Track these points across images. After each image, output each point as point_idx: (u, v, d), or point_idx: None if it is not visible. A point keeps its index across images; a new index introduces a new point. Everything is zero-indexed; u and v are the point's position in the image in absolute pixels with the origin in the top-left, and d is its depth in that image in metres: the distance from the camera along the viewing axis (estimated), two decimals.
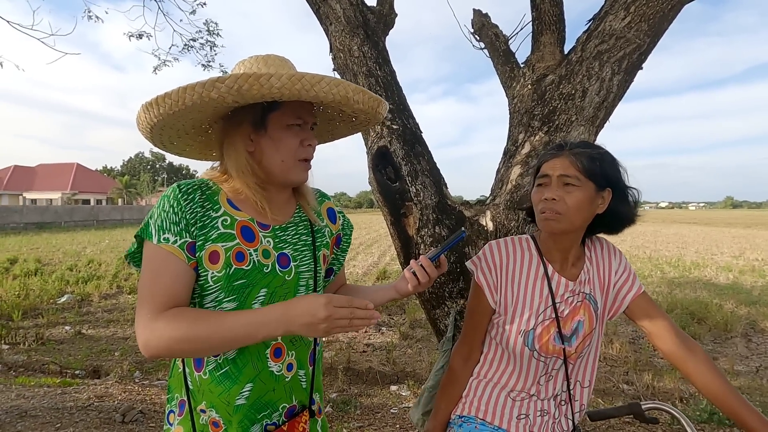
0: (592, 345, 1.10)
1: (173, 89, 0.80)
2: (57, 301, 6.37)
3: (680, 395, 3.35)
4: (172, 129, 0.90)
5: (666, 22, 1.69)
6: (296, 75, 0.79)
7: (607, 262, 1.11)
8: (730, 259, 11.84)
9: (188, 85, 0.78)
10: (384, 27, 2.12)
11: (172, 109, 0.80)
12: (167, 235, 0.82)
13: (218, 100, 0.79)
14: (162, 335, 0.78)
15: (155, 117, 0.83)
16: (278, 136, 0.89)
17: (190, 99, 0.79)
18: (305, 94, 0.80)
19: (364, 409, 3.13)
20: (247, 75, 0.77)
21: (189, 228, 0.84)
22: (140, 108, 0.85)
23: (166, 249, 0.82)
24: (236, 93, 0.78)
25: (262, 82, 0.78)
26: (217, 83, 0.77)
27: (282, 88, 0.78)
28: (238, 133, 0.89)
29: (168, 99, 0.80)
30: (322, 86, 0.81)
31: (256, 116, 0.87)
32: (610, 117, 1.82)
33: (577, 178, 0.98)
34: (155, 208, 0.86)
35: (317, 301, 0.77)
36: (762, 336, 5.12)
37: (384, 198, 1.86)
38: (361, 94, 0.88)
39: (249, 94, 0.79)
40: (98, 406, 3.02)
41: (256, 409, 0.89)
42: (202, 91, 0.78)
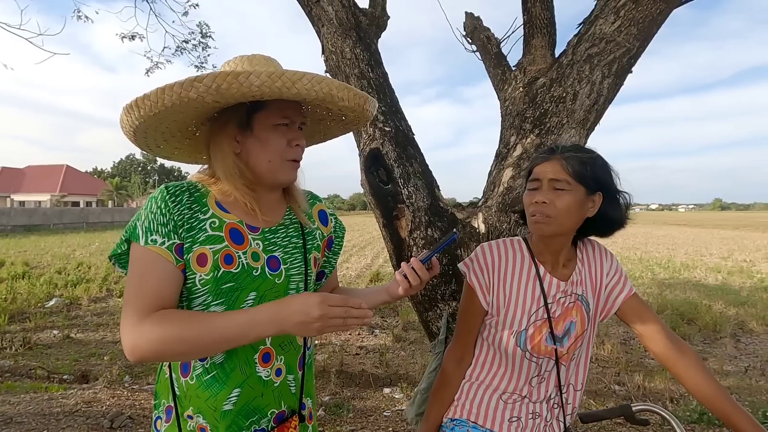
0: (584, 346, 1.10)
1: (152, 90, 0.79)
2: (45, 305, 6.27)
3: (671, 396, 3.38)
4: (156, 131, 0.89)
5: (655, 27, 1.71)
6: (276, 72, 0.77)
7: (599, 264, 1.12)
8: (719, 261, 12.00)
9: (166, 86, 0.77)
10: (376, 29, 2.12)
11: (152, 111, 0.79)
12: (155, 237, 0.81)
13: (197, 100, 0.78)
14: (150, 337, 0.76)
15: (137, 119, 0.82)
16: (264, 136, 0.87)
17: (170, 100, 0.77)
18: (286, 91, 0.79)
19: (356, 413, 3.11)
20: (226, 73, 0.76)
21: (177, 229, 0.83)
22: (122, 110, 0.83)
23: (153, 250, 0.80)
24: (215, 92, 0.76)
25: (241, 81, 0.76)
26: (195, 82, 0.76)
27: (262, 86, 0.77)
28: (224, 135, 0.87)
29: (147, 100, 0.79)
30: (303, 83, 0.79)
31: (241, 117, 0.86)
32: (600, 120, 1.84)
33: (567, 182, 0.99)
34: (142, 210, 0.84)
35: (311, 299, 0.76)
36: (750, 336, 5.18)
37: (376, 200, 1.86)
38: (346, 91, 0.87)
39: (228, 93, 0.77)
40: (86, 411, 2.96)
41: (244, 414, 0.88)
42: (180, 91, 0.76)
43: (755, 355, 4.57)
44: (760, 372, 4.07)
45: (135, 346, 0.77)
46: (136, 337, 0.77)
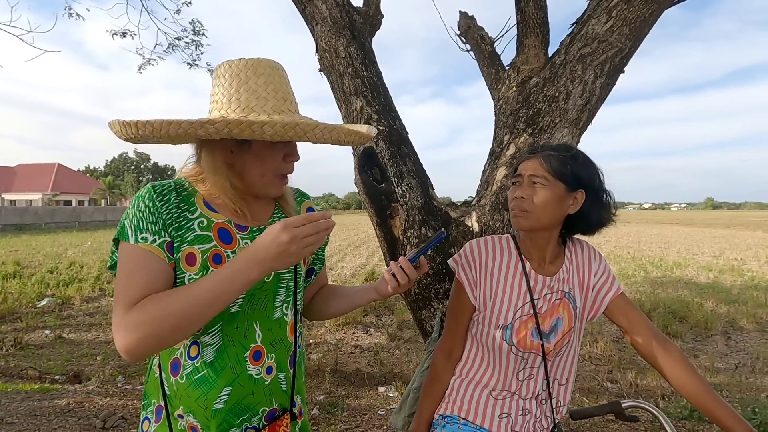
0: (571, 343, 1.12)
1: (156, 120, 0.78)
2: (36, 305, 6.21)
3: (662, 393, 3.41)
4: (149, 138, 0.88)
5: (647, 27, 1.72)
6: (290, 123, 0.79)
7: (587, 263, 1.13)
8: (711, 259, 12.12)
9: (173, 121, 0.77)
10: (370, 28, 2.12)
11: (152, 135, 0.80)
12: (145, 235, 0.80)
13: (204, 136, 0.79)
14: (138, 323, 0.74)
15: (132, 134, 0.82)
16: (262, 153, 0.87)
17: (174, 132, 0.78)
18: (297, 139, 0.81)
19: (351, 411, 3.11)
20: (239, 122, 0.76)
21: (166, 228, 0.82)
22: (116, 121, 0.82)
23: (144, 248, 0.80)
24: (225, 134, 0.78)
25: (254, 129, 0.77)
26: (206, 124, 0.77)
27: (274, 135, 0.79)
28: (219, 146, 0.87)
29: (149, 126, 0.79)
30: (315, 133, 0.82)
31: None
32: (593, 119, 1.85)
33: (545, 177, 1.02)
34: (129, 209, 0.84)
35: (274, 229, 0.75)
36: (741, 334, 5.25)
37: (370, 199, 1.86)
38: (353, 136, 0.89)
39: (239, 136, 0.78)
40: (78, 411, 2.94)
41: (234, 413, 0.87)
42: (188, 128, 0.77)
43: (745, 352, 4.62)
44: (750, 369, 4.12)
45: (125, 337, 0.75)
46: (123, 331, 0.75)
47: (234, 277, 0.76)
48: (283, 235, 0.74)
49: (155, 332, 0.74)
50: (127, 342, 0.75)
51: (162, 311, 0.75)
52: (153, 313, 0.75)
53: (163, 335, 0.76)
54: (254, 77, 0.86)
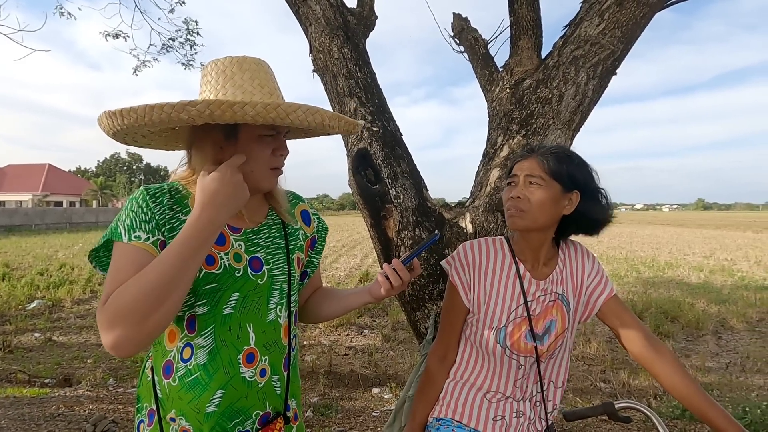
0: (564, 345, 1.12)
1: (140, 106, 0.77)
2: (26, 307, 6.13)
3: (655, 392, 3.44)
4: (137, 133, 0.88)
5: (638, 30, 1.74)
6: (271, 104, 0.78)
7: (581, 265, 1.13)
8: (702, 259, 12.26)
9: (156, 105, 0.76)
10: (364, 29, 2.12)
11: (137, 123, 0.78)
12: (138, 233, 0.80)
13: (187, 121, 0.77)
14: (117, 309, 0.71)
15: (117, 125, 0.81)
16: (249, 147, 0.87)
17: (158, 117, 0.77)
18: (280, 121, 0.80)
19: (345, 413, 3.10)
20: (220, 102, 0.76)
21: (160, 228, 0.82)
22: (103, 114, 0.82)
23: (137, 246, 0.79)
24: (207, 117, 0.76)
25: (235, 110, 0.76)
26: (187, 107, 0.75)
27: (256, 116, 0.78)
28: (208, 142, 0.87)
29: (133, 113, 0.78)
30: (297, 115, 0.81)
31: (227, 127, 0.86)
32: (586, 121, 1.86)
33: (541, 177, 1.02)
34: (123, 210, 0.84)
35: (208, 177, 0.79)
36: (731, 333, 5.31)
37: (364, 200, 1.85)
38: (337, 120, 0.88)
39: (221, 119, 0.77)
40: (68, 415, 2.91)
41: (227, 416, 0.87)
42: (171, 112, 0.76)
43: (735, 351, 4.68)
44: (741, 368, 4.17)
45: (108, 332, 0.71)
46: (104, 323, 0.71)
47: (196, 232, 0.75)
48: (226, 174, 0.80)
49: (137, 311, 0.70)
50: (110, 337, 0.71)
51: (137, 288, 0.71)
52: (130, 292, 0.71)
53: (145, 316, 0.71)
54: (239, 73, 0.87)
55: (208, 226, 0.76)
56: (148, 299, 0.71)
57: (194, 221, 0.76)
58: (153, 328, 0.73)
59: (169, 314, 0.74)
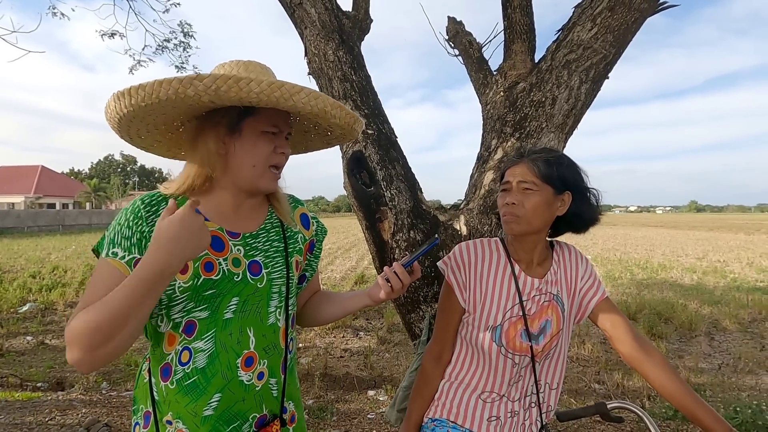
0: (559, 346, 1.13)
1: (148, 82, 0.77)
2: (18, 310, 6.06)
3: (648, 393, 3.46)
4: (141, 122, 0.87)
5: (630, 34, 1.76)
6: (276, 83, 0.79)
7: (574, 267, 1.15)
8: (695, 261, 12.36)
9: (165, 79, 0.77)
10: (359, 32, 2.13)
11: (144, 101, 0.78)
12: (116, 250, 0.81)
13: (194, 98, 0.78)
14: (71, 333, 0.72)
15: (126, 107, 0.80)
16: (252, 141, 0.88)
17: (165, 93, 0.77)
18: (283, 102, 0.80)
19: (340, 416, 3.10)
20: (227, 77, 0.77)
21: (143, 242, 0.82)
22: (111, 97, 0.82)
23: (111, 263, 0.80)
24: (213, 93, 0.77)
25: (241, 86, 0.77)
26: (195, 81, 0.76)
27: (261, 94, 0.78)
28: (212, 135, 0.87)
29: (141, 90, 0.78)
30: (300, 97, 0.81)
31: (232, 119, 0.86)
32: (578, 124, 1.88)
33: (534, 183, 1.04)
34: (114, 221, 0.85)
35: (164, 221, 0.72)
36: (723, 334, 5.35)
37: (359, 203, 1.86)
38: (339, 109, 0.89)
39: (226, 96, 0.78)
40: (61, 420, 2.88)
41: (224, 420, 0.87)
42: (178, 87, 0.76)
43: (728, 352, 4.72)
44: (733, 369, 4.20)
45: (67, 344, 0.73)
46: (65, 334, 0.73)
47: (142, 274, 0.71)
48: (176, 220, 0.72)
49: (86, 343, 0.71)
50: (68, 354, 0.73)
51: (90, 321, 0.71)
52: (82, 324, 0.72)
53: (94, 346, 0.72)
54: (245, 72, 0.88)
55: (163, 271, 0.71)
56: (99, 332, 0.71)
57: (148, 266, 0.71)
58: (105, 356, 0.74)
59: (122, 346, 0.74)
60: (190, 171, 0.89)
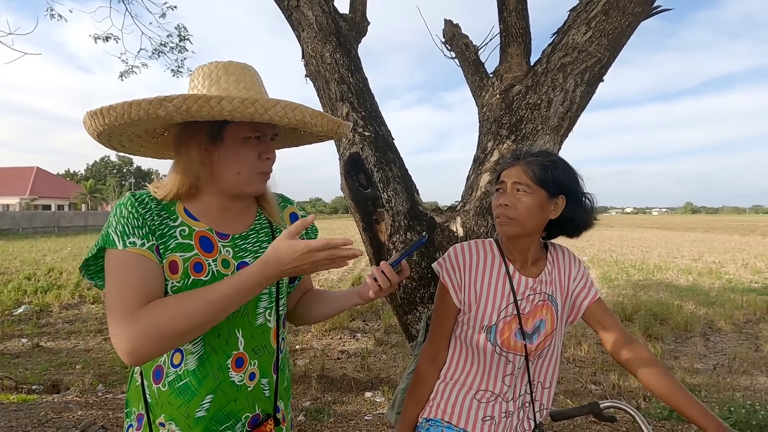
0: (553, 345, 1.14)
1: (118, 103, 0.77)
2: (13, 313, 6.03)
3: (643, 394, 3.48)
4: (122, 134, 0.87)
5: (624, 38, 1.78)
6: (249, 99, 0.77)
7: (568, 269, 1.16)
8: (690, 262, 12.42)
9: (134, 101, 0.76)
10: (356, 34, 2.14)
11: (117, 121, 0.78)
12: (133, 239, 0.79)
13: (166, 117, 0.77)
14: (149, 327, 0.73)
15: (100, 126, 0.80)
16: (235, 149, 0.86)
17: (136, 114, 0.76)
18: (259, 117, 0.79)
19: (338, 417, 3.10)
20: (196, 97, 0.75)
21: (153, 232, 0.82)
22: (86, 114, 0.81)
23: (134, 252, 0.79)
24: (185, 113, 0.76)
25: (212, 105, 0.75)
26: (164, 102, 0.75)
27: (233, 111, 0.76)
28: (193, 144, 0.86)
29: (112, 111, 0.77)
30: (277, 110, 0.79)
31: (212, 128, 0.85)
32: (574, 126, 1.90)
33: (528, 185, 1.05)
34: (112, 217, 0.83)
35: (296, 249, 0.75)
36: (719, 335, 5.38)
37: (356, 204, 1.87)
38: (320, 118, 0.86)
39: (198, 115, 0.76)
40: (56, 422, 2.87)
41: (217, 420, 0.87)
42: (148, 108, 0.75)
43: (723, 353, 4.74)
44: (728, 369, 4.23)
45: (134, 344, 0.73)
46: (131, 334, 0.73)
47: (250, 288, 0.77)
48: (304, 258, 0.76)
49: (168, 332, 0.74)
50: (135, 346, 0.73)
51: (177, 312, 0.75)
52: (168, 314, 0.74)
53: (175, 336, 0.75)
54: (225, 76, 0.87)
55: (266, 283, 0.78)
56: (187, 327, 0.75)
57: (258, 275, 0.77)
58: (173, 347, 0.79)
59: (194, 338, 0.81)
60: (175, 178, 0.88)
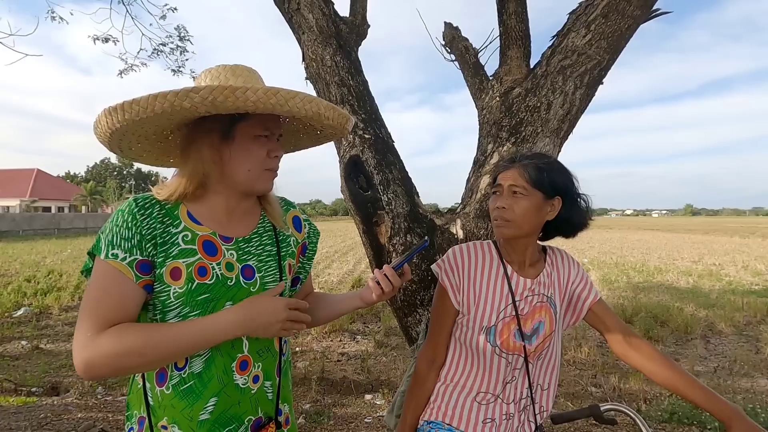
0: (552, 347, 1.14)
1: (142, 96, 0.78)
2: (13, 315, 6.02)
3: (644, 396, 3.48)
4: (133, 135, 0.88)
5: (624, 40, 1.78)
6: (272, 90, 0.80)
7: (566, 271, 1.17)
8: (690, 264, 12.42)
9: (159, 93, 0.77)
10: (357, 37, 2.14)
11: (139, 116, 0.78)
12: (116, 251, 0.80)
13: (190, 110, 0.78)
14: (107, 351, 0.76)
15: (118, 122, 0.80)
16: (246, 146, 0.88)
17: (160, 107, 0.77)
18: (279, 108, 0.81)
19: (338, 420, 3.09)
20: (223, 87, 0.77)
21: (143, 244, 0.82)
22: (102, 112, 0.81)
23: (113, 265, 0.80)
24: (210, 104, 0.77)
25: (237, 95, 0.77)
26: (191, 93, 0.76)
27: (257, 102, 0.79)
28: (206, 142, 0.87)
29: (136, 105, 0.78)
30: (296, 101, 0.82)
31: (224, 126, 0.87)
32: (573, 129, 1.90)
33: (524, 188, 1.06)
34: (108, 222, 0.84)
35: (278, 303, 0.84)
36: (719, 337, 5.38)
37: (356, 207, 1.87)
38: (332, 111, 0.90)
39: (223, 106, 0.78)
40: (56, 424, 2.86)
41: (220, 423, 0.87)
42: (174, 100, 0.76)
43: (723, 355, 4.74)
44: (728, 372, 4.22)
45: (89, 361, 0.76)
46: (90, 353, 0.76)
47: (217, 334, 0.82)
48: (283, 313, 0.85)
49: (122, 363, 0.77)
50: (90, 364, 0.76)
51: (135, 345, 0.77)
52: (125, 345, 0.77)
53: (128, 368, 0.80)
54: (233, 78, 0.89)
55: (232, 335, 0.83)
56: (143, 361, 0.79)
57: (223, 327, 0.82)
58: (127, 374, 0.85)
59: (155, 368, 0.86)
60: (182, 177, 0.88)
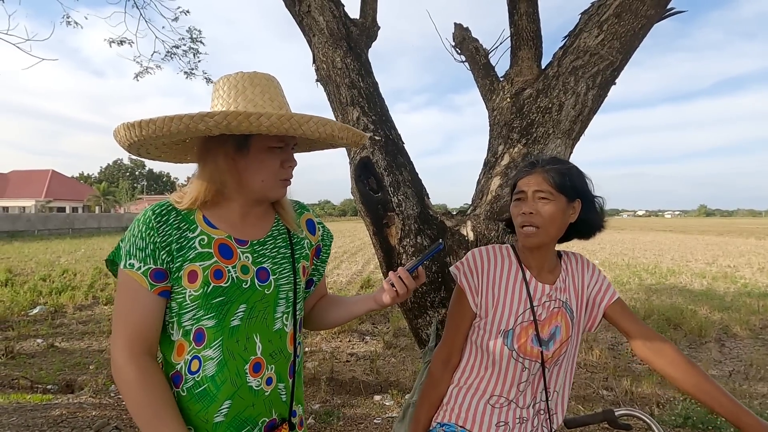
0: (569, 353, 1.13)
1: (159, 117, 0.80)
2: (29, 313, 6.14)
3: (657, 400, 3.43)
4: (151, 145, 0.90)
5: (637, 40, 1.76)
6: (285, 115, 0.81)
7: (581, 275, 1.16)
8: (704, 266, 12.21)
9: (175, 116, 0.79)
10: (367, 39, 2.15)
11: (155, 134, 0.81)
12: (132, 261, 0.85)
13: (204, 131, 0.80)
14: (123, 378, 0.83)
15: (135, 137, 0.83)
16: (260, 157, 0.90)
17: (176, 128, 0.79)
18: (293, 132, 0.83)
19: (347, 420, 3.10)
20: (237, 113, 0.78)
21: (156, 253, 0.85)
22: (121, 126, 0.84)
23: (130, 274, 0.85)
24: (224, 128, 0.79)
25: (251, 121, 0.79)
26: (206, 118, 0.78)
27: (270, 127, 0.81)
28: (220, 154, 0.89)
29: (152, 125, 0.80)
30: (309, 125, 0.84)
31: (240, 138, 0.88)
32: (585, 130, 1.88)
33: (550, 192, 1.06)
34: (128, 232, 0.88)
35: None
36: (734, 341, 5.28)
37: (366, 208, 1.88)
38: (346, 132, 0.91)
39: (237, 130, 0.80)
40: (71, 422, 2.91)
41: (235, 425, 0.88)
42: (189, 123, 0.78)
43: (739, 359, 4.65)
44: (744, 376, 4.14)
45: (114, 374, 0.85)
46: (116, 369, 0.84)
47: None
48: None
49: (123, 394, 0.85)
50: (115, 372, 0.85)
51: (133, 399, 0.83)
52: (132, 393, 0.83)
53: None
54: (251, 87, 0.90)
55: None
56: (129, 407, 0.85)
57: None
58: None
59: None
60: (200, 185, 0.90)
